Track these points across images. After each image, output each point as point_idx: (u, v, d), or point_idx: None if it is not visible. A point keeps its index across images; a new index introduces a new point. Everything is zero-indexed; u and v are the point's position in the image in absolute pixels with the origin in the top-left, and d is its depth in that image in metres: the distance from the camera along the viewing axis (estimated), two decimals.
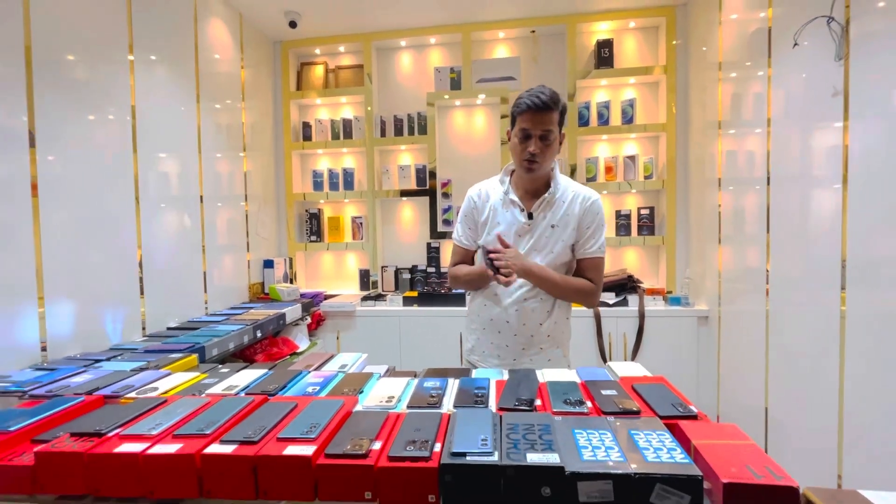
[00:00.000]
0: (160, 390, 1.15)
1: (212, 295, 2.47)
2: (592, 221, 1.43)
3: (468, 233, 1.53)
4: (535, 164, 1.36)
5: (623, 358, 2.64)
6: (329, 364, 1.37)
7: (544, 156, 1.35)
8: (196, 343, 1.73)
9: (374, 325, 2.84)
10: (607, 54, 2.90)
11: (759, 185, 2.05)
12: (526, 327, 1.45)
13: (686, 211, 2.86)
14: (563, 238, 1.43)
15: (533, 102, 1.31)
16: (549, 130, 1.33)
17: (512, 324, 1.46)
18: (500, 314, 1.47)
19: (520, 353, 1.48)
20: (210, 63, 2.51)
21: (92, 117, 1.77)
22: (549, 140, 1.34)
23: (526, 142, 1.35)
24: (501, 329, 1.47)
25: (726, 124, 2.37)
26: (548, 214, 1.43)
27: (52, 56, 1.62)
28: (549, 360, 1.48)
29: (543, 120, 1.32)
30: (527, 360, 1.47)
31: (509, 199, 1.46)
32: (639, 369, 1.30)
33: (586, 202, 1.43)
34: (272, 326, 2.28)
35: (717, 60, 2.43)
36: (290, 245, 3.25)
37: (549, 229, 1.42)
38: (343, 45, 3.17)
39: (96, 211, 1.77)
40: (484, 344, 1.53)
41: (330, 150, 3.25)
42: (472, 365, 1.57)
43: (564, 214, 1.42)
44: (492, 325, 1.49)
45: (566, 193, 1.45)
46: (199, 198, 2.39)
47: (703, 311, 2.60)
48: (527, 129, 1.33)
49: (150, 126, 2.04)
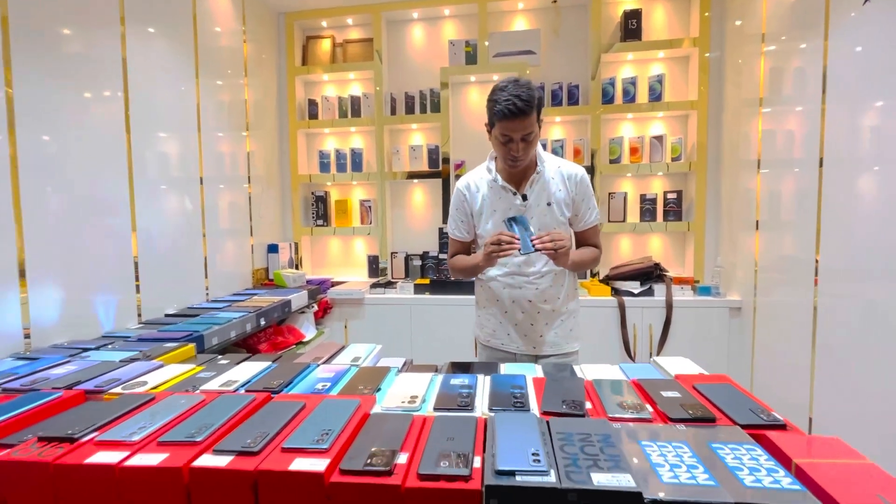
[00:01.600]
0: (149, 385, 1.01)
1: (213, 280, 2.34)
2: (585, 194, 1.47)
3: (461, 226, 1.53)
4: (520, 161, 1.37)
5: (649, 351, 2.49)
6: (340, 356, 1.22)
7: (526, 153, 1.36)
8: (194, 331, 1.59)
9: (384, 314, 2.70)
10: (635, 26, 2.70)
11: (806, 168, 1.87)
12: (547, 303, 1.47)
13: (717, 195, 2.68)
14: (560, 216, 1.45)
15: (510, 110, 1.27)
16: (530, 133, 1.32)
17: (535, 302, 1.47)
18: (520, 294, 1.47)
19: (545, 329, 1.48)
20: (210, 36, 2.34)
21: (84, 94, 1.62)
22: (529, 140, 1.34)
23: (508, 145, 1.35)
24: (524, 309, 1.48)
25: (768, 101, 2.17)
26: (541, 193, 1.44)
27: (35, 27, 1.46)
28: (571, 331, 1.51)
29: (524, 125, 1.30)
30: (552, 335, 1.48)
31: (499, 186, 1.45)
32: (690, 365, 1.15)
33: (575, 178, 1.45)
34: (277, 314, 2.14)
35: (759, 32, 2.23)
36: (296, 229, 3.10)
37: (546, 208, 1.44)
38: (351, 17, 2.99)
39: (88, 192, 1.63)
40: (506, 327, 1.51)
41: (337, 129, 3.08)
42: (493, 348, 1.54)
43: (556, 191, 1.44)
44: (514, 306, 1.49)
45: (551, 169, 1.46)
46: (199, 179, 2.24)
47: (735, 302, 2.43)
48: (507, 134, 1.33)
49: (146, 103, 1.90)
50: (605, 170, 2.78)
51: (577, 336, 1.53)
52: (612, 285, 2.62)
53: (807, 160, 1.87)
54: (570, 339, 1.50)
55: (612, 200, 2.83)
